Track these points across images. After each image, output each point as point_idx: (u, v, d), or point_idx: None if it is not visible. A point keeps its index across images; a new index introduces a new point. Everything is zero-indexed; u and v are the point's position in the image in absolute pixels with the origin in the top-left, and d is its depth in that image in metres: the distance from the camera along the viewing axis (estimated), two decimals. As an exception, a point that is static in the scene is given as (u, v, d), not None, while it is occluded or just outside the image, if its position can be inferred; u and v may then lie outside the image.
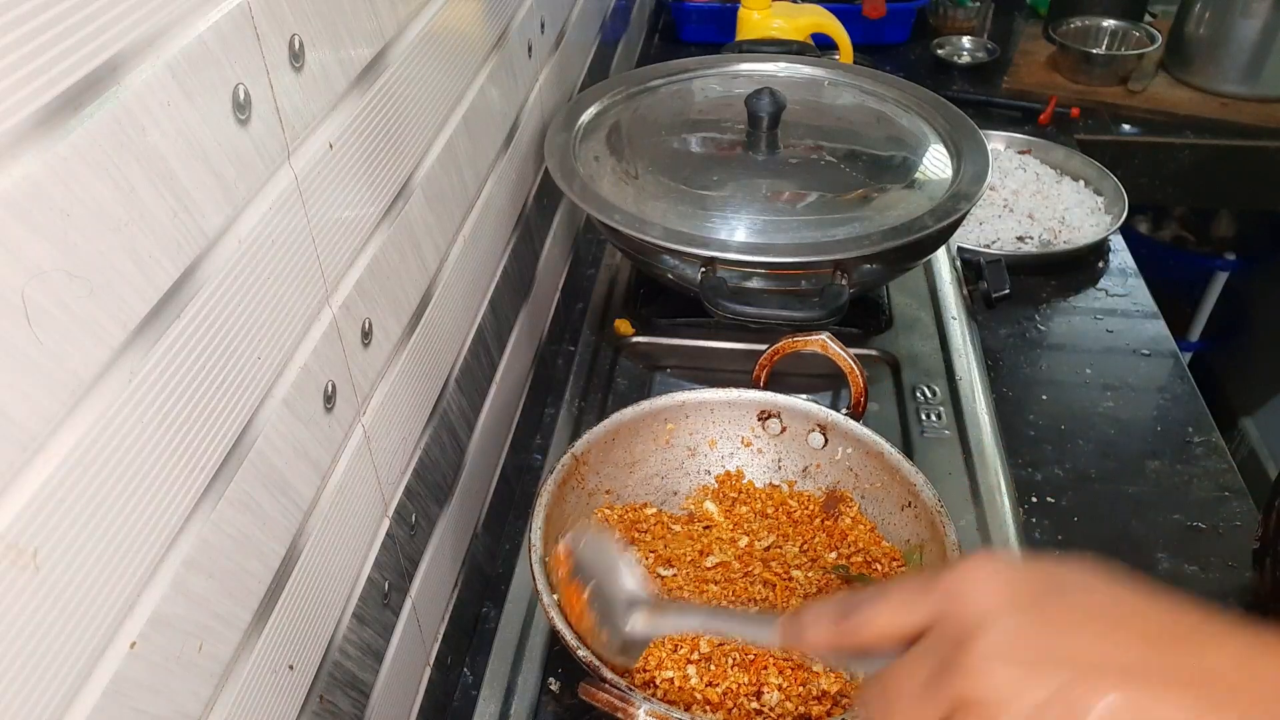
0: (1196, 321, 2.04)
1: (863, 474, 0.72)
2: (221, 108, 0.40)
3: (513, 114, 0.83)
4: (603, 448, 0.70)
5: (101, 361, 0.34)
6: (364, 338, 0.55)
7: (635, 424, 0.72)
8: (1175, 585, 0.82)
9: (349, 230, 0.53)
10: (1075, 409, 0.98)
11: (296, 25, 0.45)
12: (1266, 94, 1.52)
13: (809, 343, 0.72)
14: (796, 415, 0.74)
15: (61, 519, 0.32)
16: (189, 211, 0.38)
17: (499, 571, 0.83)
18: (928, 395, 0.87)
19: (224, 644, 0.43)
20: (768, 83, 0.94)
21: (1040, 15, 1.78)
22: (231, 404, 0.42)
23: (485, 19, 0.73)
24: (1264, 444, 1.90)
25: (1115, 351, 1.05)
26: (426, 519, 0.68)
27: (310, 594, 0.50)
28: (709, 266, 0.81)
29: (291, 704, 0.49)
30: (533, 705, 0.65)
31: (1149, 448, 0.94)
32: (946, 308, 0.97)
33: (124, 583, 0.36)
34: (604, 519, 0.70)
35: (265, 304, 0.44)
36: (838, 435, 0.72)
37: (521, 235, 0.87)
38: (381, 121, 0.56)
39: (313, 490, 0.50)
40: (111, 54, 0.33)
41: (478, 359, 0.77)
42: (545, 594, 0.58)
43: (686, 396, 0.74)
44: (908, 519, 0.68)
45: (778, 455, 0.75)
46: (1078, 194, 1.29)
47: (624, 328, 0.95)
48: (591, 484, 0.70)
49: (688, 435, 0.75)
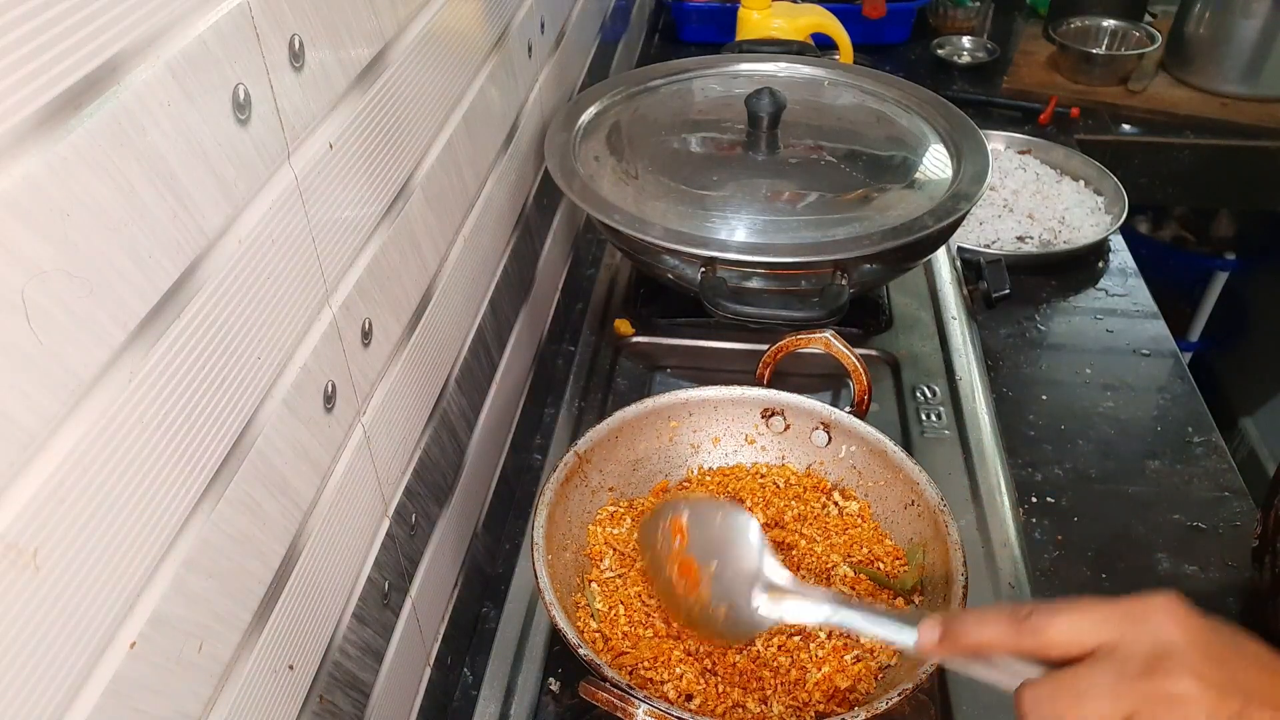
0: (1196, 321, 2.04)
1: (866, 472, 0.72)
2: (221, 108, 0.40)
3: (513, 114, 0.83)
4: (606, 446, 0.70)
5: (101, 361, 0.34)
6: (364, 338, 0.55)
7: (639, 422, 0.72)
8: (1175, 585, 0.82)
9: (349, 230, 0.53)
10: (1075, 409, 0.98)
11: (296, 25, 0.45)
12: (1266, 94, 1.52)
13: (813, 340, 0.72)
14: (800, 413, 0.74)
15: (61, 519, 0.32)
16: (189, 211, 0.38)
17: (499, 571, 0.83)
18: (928, 395, 0.87)
19: (224, 644, 0.43)
20: (768, 83, 0.94)
21: (1040, 15, 1.78)
22: (231, 404, 0.42)
23: (485, 19, 0.73)
24: (1264, 444, 1.90)
25: (1115, 351, 1.05)
26: (426, 519, 0.68)
27: (310, 594, 0.50)
28: (709, 266, 0.81)
29: (291, 704, 0.49)
30: (533, 705, 0.65)
31: (1149, 448, 0.94)
32: (946, 308, 0.97)
33: (124, 583, 0.36)
34: (611, 515, 0.70)
35: (265, 304, 0.44)
36: (841, 433, 0.72)
37: (521, 235, 0.87)
38: (381, 121, 0.56)
39: (313, 490, 0.50)
40: (111, 54, 0.33)
41: (478, 359, 0.77)
42: (548, 592, 0.58)
43: (690, 394, 0.74)
44: (910, 517, 0.68)
45: (781, 453, 0.75)
46: (1078, 194, 1.29)
47: (624, 328, 0.95)
48: (595, 481, 0.70)
49: (691, 433, 0.75)
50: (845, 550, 0.68)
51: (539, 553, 0.61)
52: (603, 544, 0.68)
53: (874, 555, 0.68)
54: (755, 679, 0.60)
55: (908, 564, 0.67)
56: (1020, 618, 0.44)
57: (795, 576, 0.55)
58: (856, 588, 0.65)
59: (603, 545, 0.68)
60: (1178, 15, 1.60)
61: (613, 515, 0.70)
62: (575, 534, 0.68)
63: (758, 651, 0.61)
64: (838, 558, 0.67)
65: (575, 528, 0.68)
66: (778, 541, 0.69)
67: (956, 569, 0.61)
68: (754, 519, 0.58)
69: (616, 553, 0.68)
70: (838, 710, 0.58)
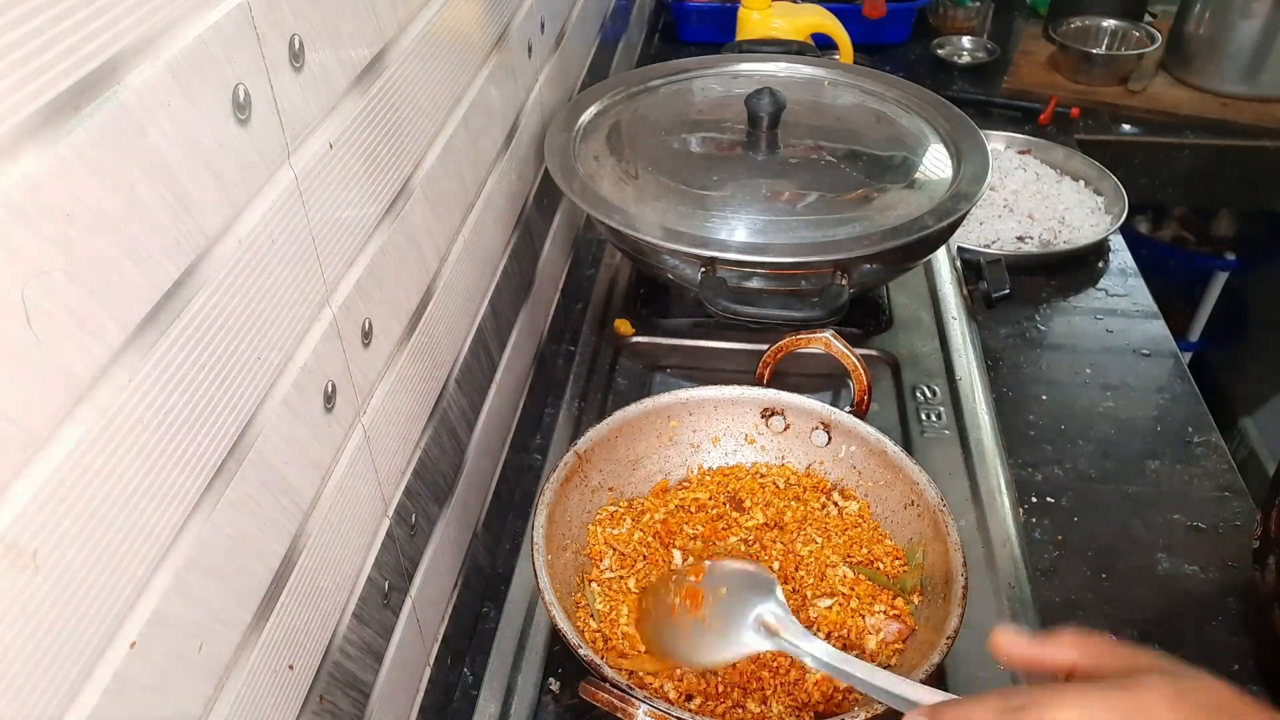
0: (1196, 321, 2.04)
1: (865, 472, 0.72)
2: (221, 108, 0.40)
3: (513, 114, 0.83)
4: (606, 445, 0.70)
5: (101, 361, 0.34)
6: (364, 338, 0.55)
7: (639, 421, 0.72)
8: (1175, 585, 0.82)
9: (349, 230, 0.53)
10: (1075, 409, 0.98)
11: (296, 25, 0.45)
12: (1266, 94, 1.52)
13: (813, 340, 0.72)
14: (800, 413, 0.74)
15: (61, 519, 0.32)
16: (189, 211, 0.38)
17: (499, 571, 0.83)
18: (928, 395, 0.87)
19: (224, 644, 0.43)
20: (768, 83, 0.94)
21: (1040, 15, 1.78)
22: (231, 404, 0.42)
23: (485, 19, 0.73)
24: (1264, 444, 1.90)
25: (1115, 351, 1.05)
26: (426, 519, 0.68)
27: (310, 594, 0.50)
28: (709, 266, 0.81)
29: (291, 704, 0.49)
30: (533, 705, 0.65)
31: (1149, 448, 0.94)
32: (946, 308, 0.97)
33: (124, 583, 0.36)
34: (611, 515, 0.70)
35: (265, 304, 0.44)
36: (841, 433, 0.72)
37: (521, 235, 0.87)
38: (381, 121, 0.56)
39: (313, 490, 0.50)
40: (111, 54, 0.33)
41: (478, 359, 0.77)
42: (548, 592, 0.58)
43: (690, 394, 0.74)
44: (910, 517, 0.68)
45: (781, 452, 0.75)
46: (1078, 194, 1.29)
47: (624, 328, 0.95)
48: (595, 481, 0.70)
49: (690, 432, 0.75)
50: (845, 551, 0.68)
51: (539, 553, 0.61)
52: (603, 544, 0.68)
53: (874, 555, 0.68)
54: (755, 679, 0.60)
55: (907, 564, 0.67)
56: (1013, 709, 0.41)
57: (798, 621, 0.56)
58: (856, 588, 0.65)
59: (603, 545, 0.68)
60: (1178, 15, 1.60)
61: (613, 515, 0.70)
62: (575, 534, 0.68)
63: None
64: (837, 558, 0.67)
65: (575, 527, 0.68)
66: (777, 543, 0.69)
67: (956, 569, 0.61)
68: (776, 580, 0.59)
69: (616, 553, 0.68)
70: (837, 711, 0.58)
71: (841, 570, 0.66)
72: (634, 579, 0.66)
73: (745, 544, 0.68)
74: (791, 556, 0.68)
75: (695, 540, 0.68)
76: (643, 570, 0.66)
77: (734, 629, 0.57)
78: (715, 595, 0.59)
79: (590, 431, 0.70)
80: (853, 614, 0.64)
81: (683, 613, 0.59)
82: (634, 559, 0.67)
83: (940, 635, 0.58)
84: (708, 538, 0.69)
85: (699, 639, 0.58)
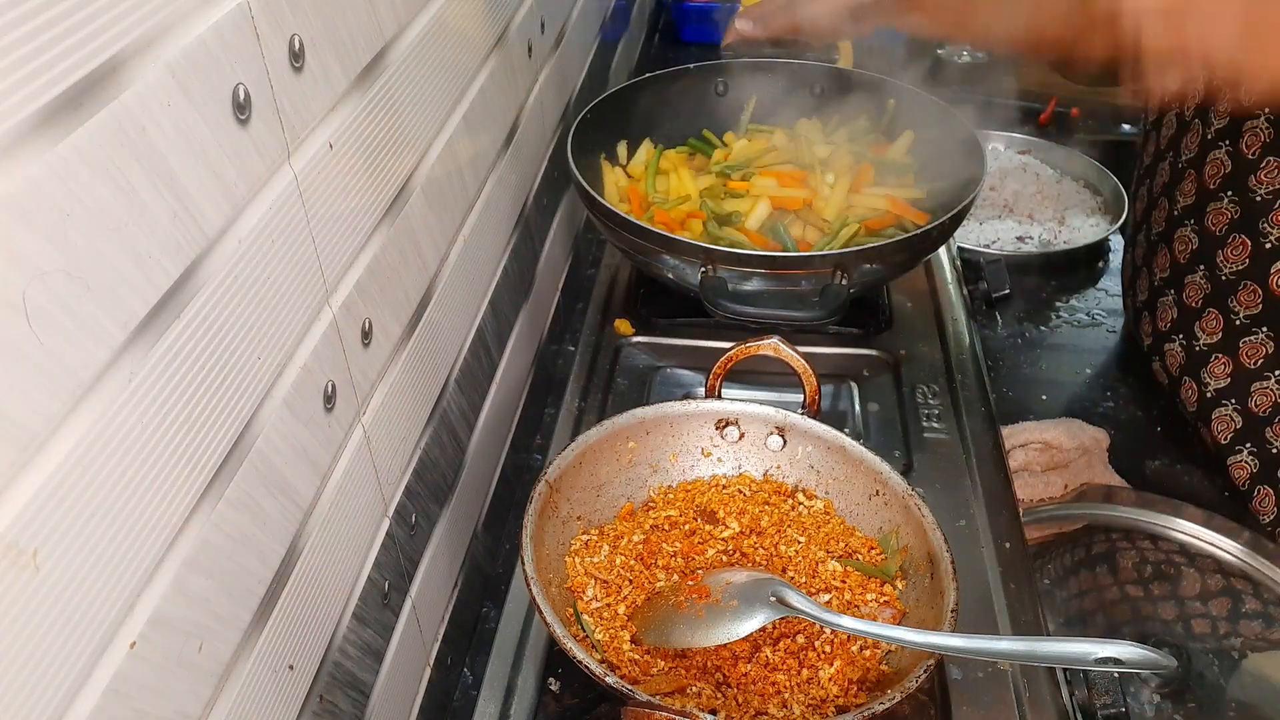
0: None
1: (824, 470, 0.72)
2: (221, 108, 0.40)
3: (513, 114, 0.83)
4: (572, 473, 0.69)
5: (101, 361, 0.34)
6: (364, 338, 0.55)
7: (599, 446, 0.71)
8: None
9: (349, 230, 0.53)
10: (1075, 409, 0.98)
11: (296, 25, 0.45)
12: (1266, 94, 1.52)
13: (761, 348, 0.72)
14: (753, 420, 0.74)
15: (61, 519, 0.32)
16: (189, 211, 0.38)
17: (499, 571, 0.83)
18: (928, 395, 0.87)
19: (224, 644, 0.43)
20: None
21: (1040, 15, 1.77)
22: (231, 404, 0.42)
23: (485, 19, 0.73)
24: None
25: (1115, 351, 1.05)
26: (426, 519, 0.68)
27: (310, 594, 0.50)
28: (709, 266, 0.81)
29: (291, 704, 0.49)
30: (533, 705, 0.65)
31: (1149, 447, 0.94)
32: (946, 308, 0.97)
33: (124, 583, 0.36)
34: (586, 544, 0.69)
35: (265, 304, 0.44)
36: (796, 435, 0.73)
37: (521, 235, 0.87)
38: (381, 121, 0.56)
39: (313, 490, 0.50)
40: (111, 54, 0.33)
41: (478, 359, 0.77)
42: (556, 625, 0.57)
43: (646, 413, 0.73)
44: (877, 506, 0.69)
45: (738, 462, 0.75)
46: (1078, 194, 1.29)
47: (624, 328, 0.95)
48: (564, 511, 0.68)
49: (649, 452, 0.74)
50: (824, 547, 0.68)
51: (534, 583, 0.59)
52: (583, 574, 0.66)
53: (850, 549, 0.68)
54: (770, 684, 0.60)
55: (884, 552, 0.67)
56: None
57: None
58: (848, 580, 0.65)
59: (583, 576, 0.66)
60: (1178, 15, 1.60)
61: (588, 544, 0.68)
62: (555, 567, 0.66)
63: (765, 657, 0.61)
64: (824, 554, 0.67)
65: (554, 560, 0.66)
66: (759, 548, 0.69)
67: (939, 548, 0.62)
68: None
69: (599, 581, 0.66)
70: (854, 703, 0.58)
71: (831, 565, 0.66)
72: (623, 606, 0.64)
73: (726, 555, 0.68)
74: (777, 559, 0.67)
75: (676, 557, 0.68)
76: (630, 596, 0.65)
77: (749, 604, 0.59)
78: (722, 586, 0.61)
79: (557, 459, 0.68)
80: (848, 605, 0.64)
81: (691, 604, 0.60)
82: (619, 585, 0.66)
83: (936, 612, 0.60)
84: (687, 554, 0.67)
85: (714, 618, 0.59)
